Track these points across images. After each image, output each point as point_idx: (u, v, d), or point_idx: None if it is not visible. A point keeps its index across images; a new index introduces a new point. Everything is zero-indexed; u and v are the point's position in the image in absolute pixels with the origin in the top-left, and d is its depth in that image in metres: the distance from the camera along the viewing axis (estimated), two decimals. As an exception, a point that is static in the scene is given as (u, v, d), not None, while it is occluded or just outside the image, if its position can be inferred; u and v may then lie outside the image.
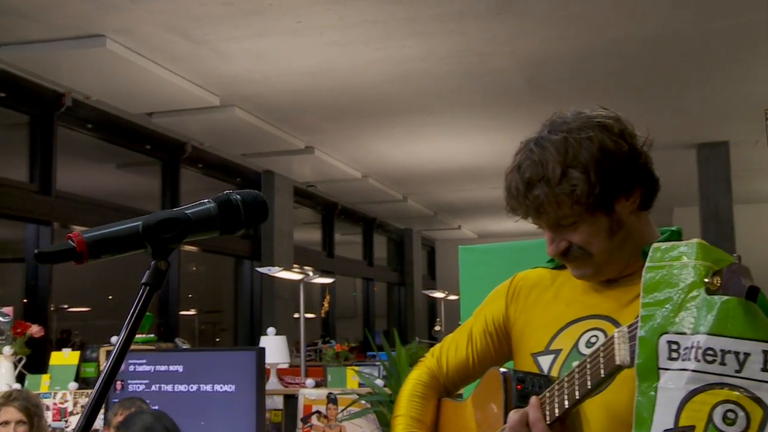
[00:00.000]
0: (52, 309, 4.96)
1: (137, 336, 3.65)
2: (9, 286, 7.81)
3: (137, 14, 3.87)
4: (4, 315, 3.42)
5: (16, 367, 3.51)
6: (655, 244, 1.05)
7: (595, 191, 1.22)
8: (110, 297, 9.92)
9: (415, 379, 1.51)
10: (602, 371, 1.06)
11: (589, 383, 1.08)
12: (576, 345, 1.27)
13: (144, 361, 3.00)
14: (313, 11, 3.93)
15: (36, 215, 4.79)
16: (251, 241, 7.26)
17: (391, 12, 3.94)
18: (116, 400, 2.75)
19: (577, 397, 1.10)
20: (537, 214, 1.26)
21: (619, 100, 5.59)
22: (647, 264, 1.03)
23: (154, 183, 6.27)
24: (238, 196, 0.92)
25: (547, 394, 1.16)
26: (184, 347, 4.01)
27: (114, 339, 3.62)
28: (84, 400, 3.32)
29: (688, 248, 1.00)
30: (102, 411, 3.28)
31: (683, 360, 0.95)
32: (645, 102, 5.60)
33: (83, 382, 3.53)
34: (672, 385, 0.95)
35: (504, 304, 1.44)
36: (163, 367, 3.00)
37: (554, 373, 1.26)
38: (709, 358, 0.94)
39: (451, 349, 1.49)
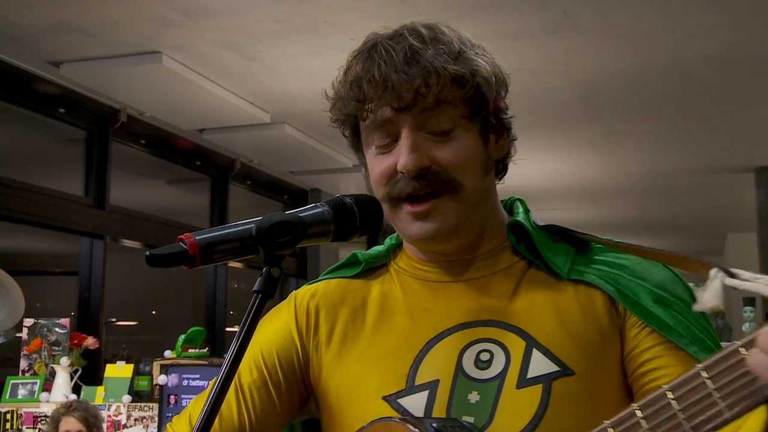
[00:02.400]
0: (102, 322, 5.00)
1: (190, 351, 3.66)
2: (58, 298, 7.94)
3: (194, 31, 3.91)
4: (61, 326, 3.46)
5: (72, 378, 3.54)
6: None
7: (492, 91, 0.94)
8: (154, 312, 10.02)
9: None
10: None
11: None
12: (459, 369, 0.92)
13: (198, 376, 3.00)
14: (367, 28, 3.86)
15: (90, 229, 4.84)
16: (297, 258, 7.26)
17: (447, 29, 3.92)
18: (170, 415, 2.74)
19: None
20: (412, 95, 0.89)
21: (676, 122, 5.49)
22: None
23: (203, 199, 6.31)
24: (352, 199, 0.87)
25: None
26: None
27: (168, 353, 3.63)
28: (137, 413, 3.32)
29: None
30: (156, 428, 3.29)
31: None
32: (702, 123, 5.48)
33: (136, 396, 3.54)
34: None
35: (294, 339, 1.02)
36: (217, 383, 2.98)
37: (439, 415, 0.90)
38: None
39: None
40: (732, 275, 0.75)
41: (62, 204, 4.67)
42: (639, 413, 0.71)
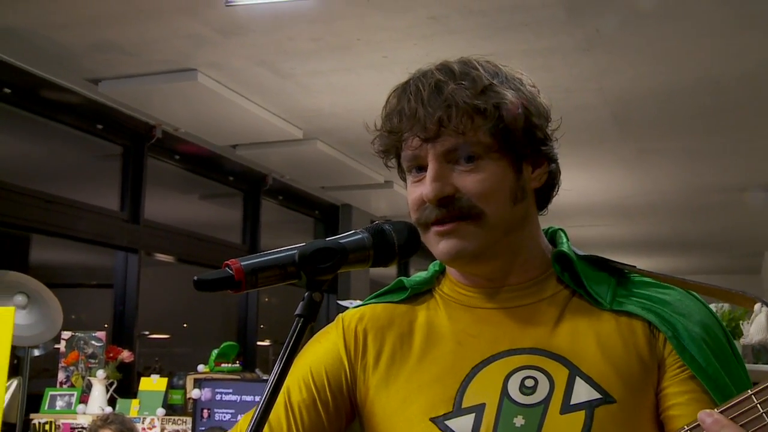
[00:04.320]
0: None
1: (223, 365, 3.70)
2: (92, 311, 8.04)
3: (229, 49, 3.98)
4: (97, 339, 3.51)
5: (107, 390, 3.60)
6: None
7: (518, 123, 0.97)
8: (185, 325, 10.11)
9: None
10: None
11: None
12: (505, 393, 0.95)
13: (230, 390, 3.03)
14: (399, 47, 3.96)
15: (125, 243, 4.92)
16: (327, 273, 7.28)
17: (480, 47, 3.92)
18: (203, 429, 2.77)
19: None
20: (436, 127, 0.94)
21: (709, 139, 5.44)
22: None
23: (235, 214, 6.38)
24: (390, 226, 0.90)
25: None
26: (265, 378, 4.03)
27: (201, 367, 3.67)
28: (171, 427, 3.36)
29: None
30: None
31: None
32: (735, 141, 5.42)
33: (170, 409, 3.58)
34: None
35: (343, 360, 1.05)
36: (249, 398, 3.02)
37: None
38: None
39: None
40: None
41: (98, 218, 4.76)
42: None
